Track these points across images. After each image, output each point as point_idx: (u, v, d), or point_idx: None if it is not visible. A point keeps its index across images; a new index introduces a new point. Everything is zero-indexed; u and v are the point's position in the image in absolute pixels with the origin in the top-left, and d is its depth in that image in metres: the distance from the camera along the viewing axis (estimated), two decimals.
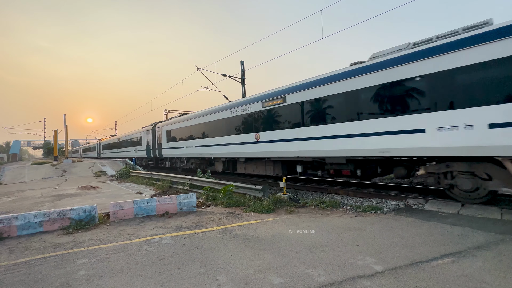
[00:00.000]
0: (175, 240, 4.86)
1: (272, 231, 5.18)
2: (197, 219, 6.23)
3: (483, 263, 3.50)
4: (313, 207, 7.30)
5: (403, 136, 6.76)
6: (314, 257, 3.88)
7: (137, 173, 16.14)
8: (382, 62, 7.24)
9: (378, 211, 6.49)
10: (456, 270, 3.33)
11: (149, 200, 6.84)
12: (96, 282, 3.41)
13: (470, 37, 5.79)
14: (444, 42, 6.18)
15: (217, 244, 4.58)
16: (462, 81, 5.90)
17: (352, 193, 8.55)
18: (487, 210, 5.79)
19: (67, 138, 29.23)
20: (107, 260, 4.07)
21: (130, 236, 5.16)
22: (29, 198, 10.33)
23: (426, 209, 6.35)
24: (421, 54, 6.49)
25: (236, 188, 8.53)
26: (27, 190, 12.71)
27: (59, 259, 4.18)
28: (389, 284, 3.07)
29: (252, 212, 6.80)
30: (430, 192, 8.07)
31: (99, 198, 9.76)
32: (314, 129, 8.93)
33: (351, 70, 7.97)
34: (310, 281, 3.20)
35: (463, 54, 5.82)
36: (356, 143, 7.71)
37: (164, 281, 3.37)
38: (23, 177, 18.14)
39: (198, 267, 3.70)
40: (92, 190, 11.91)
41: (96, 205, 6.36)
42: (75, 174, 19.50)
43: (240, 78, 18.60)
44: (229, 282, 3.26)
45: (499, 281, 3.04)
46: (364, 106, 7.59)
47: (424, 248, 4.05)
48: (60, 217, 5.87)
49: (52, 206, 8.40)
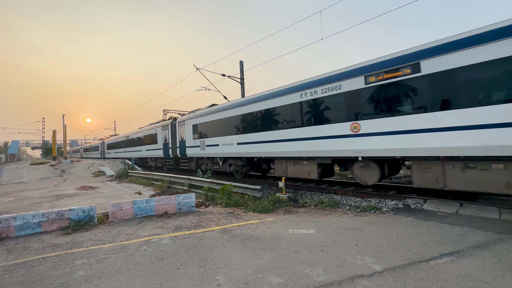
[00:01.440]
0: (174, 240, 4.86)
1: (271, 231, 5.18)
2: (196, 219, 6.22)
3: (481, 262, 3.51)
4: (312, 207, 7.31)
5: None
6: (313, 257, 3.88)
7: (136, 173, 16.11)
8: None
9: (377, 211, 6.50)
10: (454, 270, 3.34)
11: (148, 200, 6.83)
12: (95, 282, 3.40)
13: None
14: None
15: (216, 244, 4.57)
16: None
17: (351, 193, 8.57)
18: (485, 210, 5.81)
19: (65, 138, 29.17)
20: (106, 260, 4.06)
21: (129, 236, 5.16)
22: (28, 199, 10.30)
23: (425, 209, 6.37)
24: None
25: (235, 188, 8.53)
26: (26, 191, 12.67)
27: (58, 259, 4.17)
28: (388, 284, 3.07)
29: (251, 212, 6.80)
30: (429, 192, 8.09)
31: (98, 198, 9.74)
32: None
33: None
34: (309, 281, 3.21)
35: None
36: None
37: (163, 281, 3.36)
38: (21, 178, 18.08)
39: (197, 267, 3.69)
40: (91, 190, 11.88)
41: (95, 205, 6.34)
42: (74, 175, 19.46)
43: (239, 78, 18.60)
44: (228, 282, 3.26)
45: (498, 281, 3.05)
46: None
47: (423, 247, 4.06)
48: (59, 218, 5.85)
49: (50, 207, 8.37)
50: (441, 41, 6.25)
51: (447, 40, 6.16)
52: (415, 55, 6.58)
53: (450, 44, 6.07)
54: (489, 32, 5.57)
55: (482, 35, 5.65)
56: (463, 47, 5.85)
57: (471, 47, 5.74)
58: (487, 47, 5.54)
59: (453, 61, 5.99)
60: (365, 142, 7.50)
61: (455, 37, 6.07)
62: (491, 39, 5.50)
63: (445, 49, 6.13)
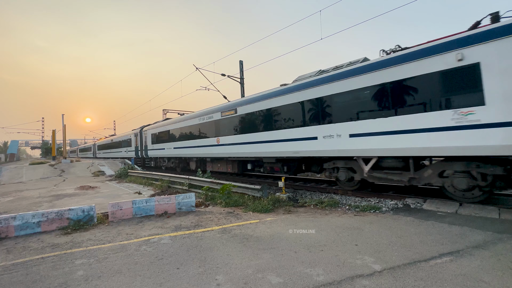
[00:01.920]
0: (174, 240, 4.85)
1: (271, 230, 5.18)
2: (196, 219, 6.22)
3: (481, 262, 3.52)
4: (312, 206, 7.31)
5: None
6: (313, 257, 3.88)
7: (136, 173, 16.10)
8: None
9: (377, 210, 6.50)
10: (454, 269, 3.34)
11: (147, 200, 6.83)
12: (94, 282, 3.40)
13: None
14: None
15: (216, 244, 4.57)
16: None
17: (351, 193, 8.57)
18: (484, 210, 5.81)
19: (65, 138, 29.12)
20: (105, 260, 4.06)
21: (128, 236, 5.15)
22: (27, 198, 10.29)
23: (424, 209, 6.37)
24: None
25: (235, 188, 8.53)
26: (25, 190, 12.65)
27: (57, 259, 4.17)
28: (387, 283, 3.07)
29: (251, 211, 6.80)
30: (428, 191, 8.10)
31: (97, 198, 9.73)
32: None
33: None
34: (309, 281, 3.21)
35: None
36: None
37: (163, 281, 3.36)
38: (21, 177, 18.05)
39: (197, 267, 3.69)
40: (91, 190, 11.87)
41: (94, 205, 6.34)
42: (74, 174, 19.44)
43: (239, 78, 18.59)
44: (228, 282, 3.26)
45: (497, 280, 3.06)
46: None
47: (423, 247, 4.07)
48: (58, 217, 5.85)
49: (50, 206, 8.37)
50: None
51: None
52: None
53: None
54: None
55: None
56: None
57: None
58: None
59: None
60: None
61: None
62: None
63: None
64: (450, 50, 5.83)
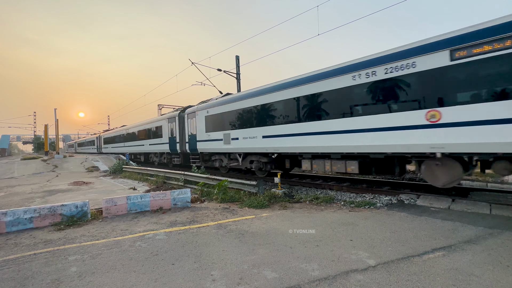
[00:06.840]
0: (169, 235, 4.83)
1: (266, 226, 5.19)
2: (191, 215, 6.20)
3: (472, 256, 3.58)
4: (307, 202, 7.35)
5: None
6: (308, 252, 3.90)
7: (131, 169, 15.96)
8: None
9: (371, 206, 6.57)
10: (446, 264, 3.40)
11: (142, 195, 6.77)
12: (88, 278, 3.36)
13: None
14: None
15: (211, 239, 4.57)
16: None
17: (346, 189, 8.64)
18: (476, 205, 5.92)
19: (57, 133, 28.66)
20: (99, 256, 4.02)
21: (123, 232, 5.11)
22: (19, 194, 10.12)
23: (418, 204, 6.46)
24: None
25: (231, 184, 8.52)
26: (17, 186, 12.45)
27: (50, 255, 4.11)
28: (381, 278, 3.11)
29: (246, 207, 6.80)
30: (422, 187, 8.21)
31: (91, 193, 9.62)
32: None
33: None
34: (304, 276, 3.23)
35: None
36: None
37: (158, 276, 3.34)
38: (12, 173, 17.75)
39: (192, 263, 3.68)
40: (84, 186, 11.74)
41: (88, 201, 6.26)
42: (67, 170, 19.18)
43: (235, 73, 18.45)
44: (224, 277, 3.26)
45: (488, 274, 3.12)
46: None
47: (416, 242, 4.12)
48: (51, 213, 5.76)
49: (43, 202, 8.25)
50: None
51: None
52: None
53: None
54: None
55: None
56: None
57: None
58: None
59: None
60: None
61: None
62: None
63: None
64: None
